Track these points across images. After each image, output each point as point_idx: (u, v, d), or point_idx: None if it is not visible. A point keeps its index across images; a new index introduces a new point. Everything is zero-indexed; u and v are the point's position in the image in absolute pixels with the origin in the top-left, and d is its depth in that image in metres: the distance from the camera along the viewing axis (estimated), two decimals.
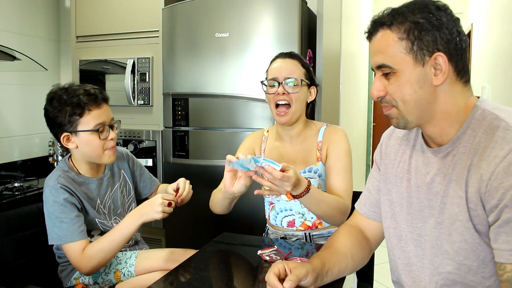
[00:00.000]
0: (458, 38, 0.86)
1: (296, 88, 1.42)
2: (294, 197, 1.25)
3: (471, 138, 0.87)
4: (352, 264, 1.11)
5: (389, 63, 0.89)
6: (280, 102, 1.43)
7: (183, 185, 1.42)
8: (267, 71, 1.50)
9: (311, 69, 1.52)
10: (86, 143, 1.36)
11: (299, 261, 1.18)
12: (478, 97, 0.93)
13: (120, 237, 1.31)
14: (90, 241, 1.35)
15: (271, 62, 1.50)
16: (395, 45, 0.87)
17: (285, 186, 1.15)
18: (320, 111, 2.11)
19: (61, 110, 1.33)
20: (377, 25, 0.91)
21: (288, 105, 1.43)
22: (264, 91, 1.48)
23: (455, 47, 0.86)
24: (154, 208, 1.29)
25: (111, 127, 1.41)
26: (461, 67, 0.88)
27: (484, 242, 0.85)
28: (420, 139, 1.00)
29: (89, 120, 1.35)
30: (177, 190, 1.42)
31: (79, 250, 1.29)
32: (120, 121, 1.47)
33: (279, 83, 1.42)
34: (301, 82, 1.43)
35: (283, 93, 1.41)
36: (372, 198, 1.15)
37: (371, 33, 0.93)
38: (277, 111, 1.43)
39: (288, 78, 1.42)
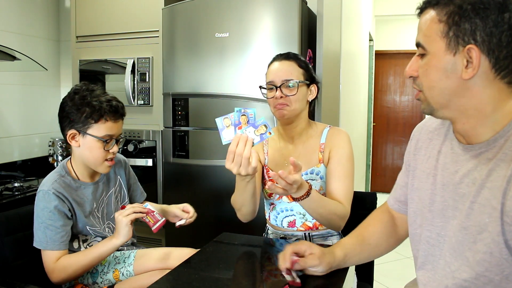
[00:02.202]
0: (506, 33, 0.77)
1: (293, 90, 1.42)
2: (294, 199, 1.26)
3: None
4: (375, 253, 1.20)
5: (424, 43, 0.85)
6: (279, 106, 1.42)
7: (191, 209, 1.53)
8: (266, 74, 1.50)
9: (310, 67, 1.51)
10: (89, 147, 1.38)
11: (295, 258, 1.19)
12: None
13: (96, 254, 1.33)
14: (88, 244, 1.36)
15: (269, 65, 1.50)
16: (434, 26, 0.83)
17: (293, 189, 1.18)
18: (320, 111, 2.11)
19: (80, 109, 1.35)
20: (426, 3, 0.86)
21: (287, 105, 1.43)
22: (263, 94, 1.47)
23: (498, 42, 0.77)
24: (122, 223, 1.29)
25: (117, 141, 1.43)
26: (503, 66, 0.79)
27: None
28: (451, 134, 0.94)
29: (102, 128, 1.36)
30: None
31: (54, 259, 1.32)
32: (125, 138, 1.50)
33: (276, 87, 1.42)
34: (298, 84, 1.42)
35: (281, 97, 1.41)
36: (397, 193, 1.16)
37: (421, 10, 0.88)
38: (276, 108, 1.43)
39: (285, 81, 1.41)
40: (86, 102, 1.35)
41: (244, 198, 1.35)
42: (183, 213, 1.49)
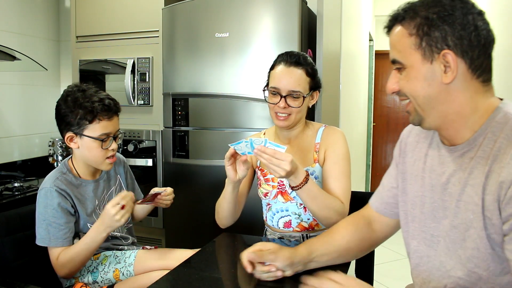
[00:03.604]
0: (474, 33, 0.82)
1: (298, 102, 1.38)
2: (293, 188, 1.26)
3: (491, 143, 0.84)
4: (346, 256, 1.18)
5: (399, 59, 0.89)
6: (280, 114, 1.40)
7: (170, 191, 1.48)
8: (269, 72, 1.45)
9: (316, 70, 1.46)
10: (88, 148, 1.39)
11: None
12: (501, 99, 0.90)
13: (87, 250, 1.34)
14: None
15: (275, 63, 1.43)
16: (405, 40, 0.87)
17: (283, 164, 1.17)
18: (320, 111, 2.11)
19: (73, 111, 1.35)
20: (392, 20, 0.90)
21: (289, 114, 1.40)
22: (265, 97, 1.43)
23: (469, 43, 0.82)
24: (112, 218, 1.29)
25: (115, 138, 1.43)
26: (477, 65, 0.84)
27: (495, 253, 0.82)
28: (437, 137, 0.97)
29: (97, 128, 1.37)
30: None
31: (57, 256, 1.34)
32: (124, 133, 1.50)
33: (281, 96, 1.37)
34: (303, 97, 1.39)
35: (284, 107, 1.37)
36: (384, 194, 1.15)
37: (389, 28, 0.92)
38: (277, 116, 1.41)
39: (292, 92, 1.37)
40: (78, 103, 1.35)
41: (230, 201, 1.38)
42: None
